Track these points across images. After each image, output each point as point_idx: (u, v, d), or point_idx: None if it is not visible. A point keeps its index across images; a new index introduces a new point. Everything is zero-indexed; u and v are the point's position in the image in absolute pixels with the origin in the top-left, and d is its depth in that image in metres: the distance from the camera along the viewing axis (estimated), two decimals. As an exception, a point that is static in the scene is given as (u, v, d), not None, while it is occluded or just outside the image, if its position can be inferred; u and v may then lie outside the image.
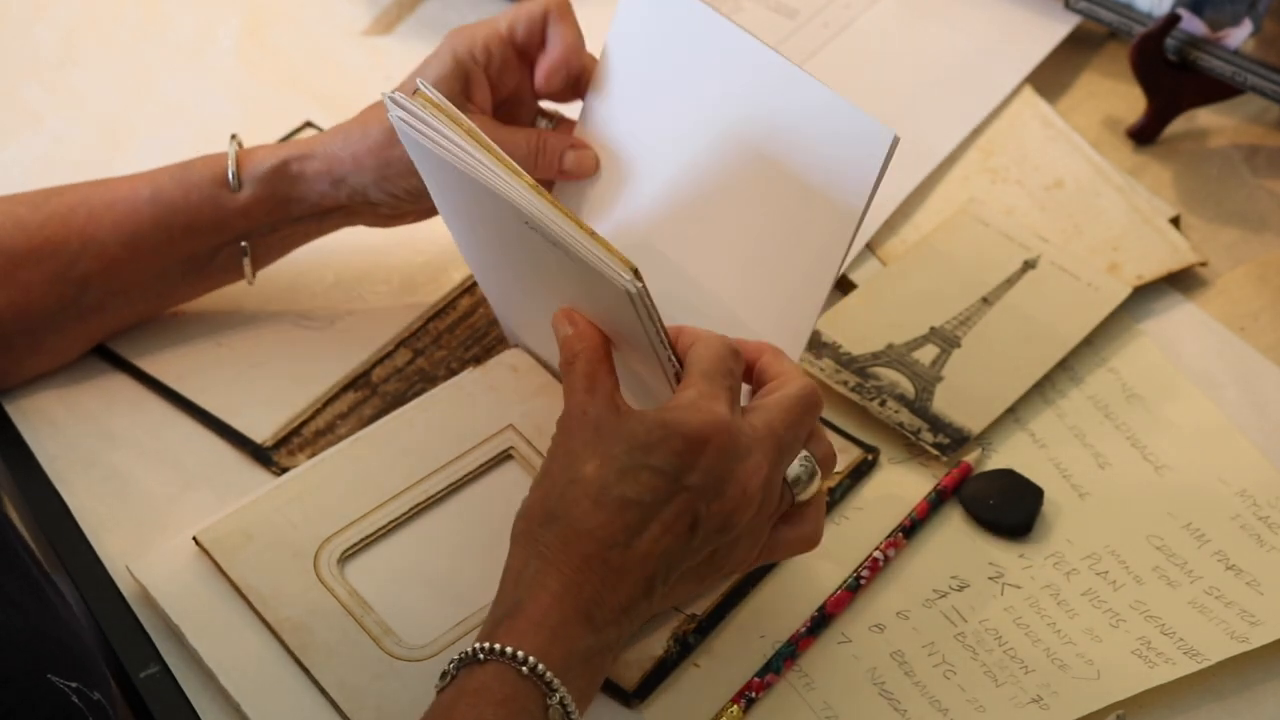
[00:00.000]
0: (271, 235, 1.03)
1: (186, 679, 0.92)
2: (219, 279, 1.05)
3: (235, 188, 1.01)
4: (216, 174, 1.01)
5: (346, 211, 1.04)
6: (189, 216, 1.01)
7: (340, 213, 1.04)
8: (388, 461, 0.99)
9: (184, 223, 1.01)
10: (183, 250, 1.02)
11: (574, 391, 0.87)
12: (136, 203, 1.01)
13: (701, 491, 0.84)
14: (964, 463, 1.02)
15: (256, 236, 1.03)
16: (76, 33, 1.31)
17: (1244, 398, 1.06)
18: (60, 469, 1.02)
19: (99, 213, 1.01)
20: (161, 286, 1.04)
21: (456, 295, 1.11)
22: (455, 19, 1.30)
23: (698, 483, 0.84)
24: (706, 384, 0.86)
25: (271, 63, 1.28)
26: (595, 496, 0.84)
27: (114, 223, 1.01)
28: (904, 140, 1.20)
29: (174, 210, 1.01)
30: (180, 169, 1.02)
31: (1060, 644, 0.95)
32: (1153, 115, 1.22)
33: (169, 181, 1.02)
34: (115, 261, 1.01)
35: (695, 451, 0.84)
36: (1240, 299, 1.12)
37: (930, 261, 1.13)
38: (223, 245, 1.03)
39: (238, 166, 1.01)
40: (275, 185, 1.01)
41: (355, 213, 1.04)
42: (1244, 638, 0.94)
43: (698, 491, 0.84)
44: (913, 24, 1.29)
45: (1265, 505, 1.00)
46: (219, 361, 1.07)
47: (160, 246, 1.02)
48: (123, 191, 1.02)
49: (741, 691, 0.92)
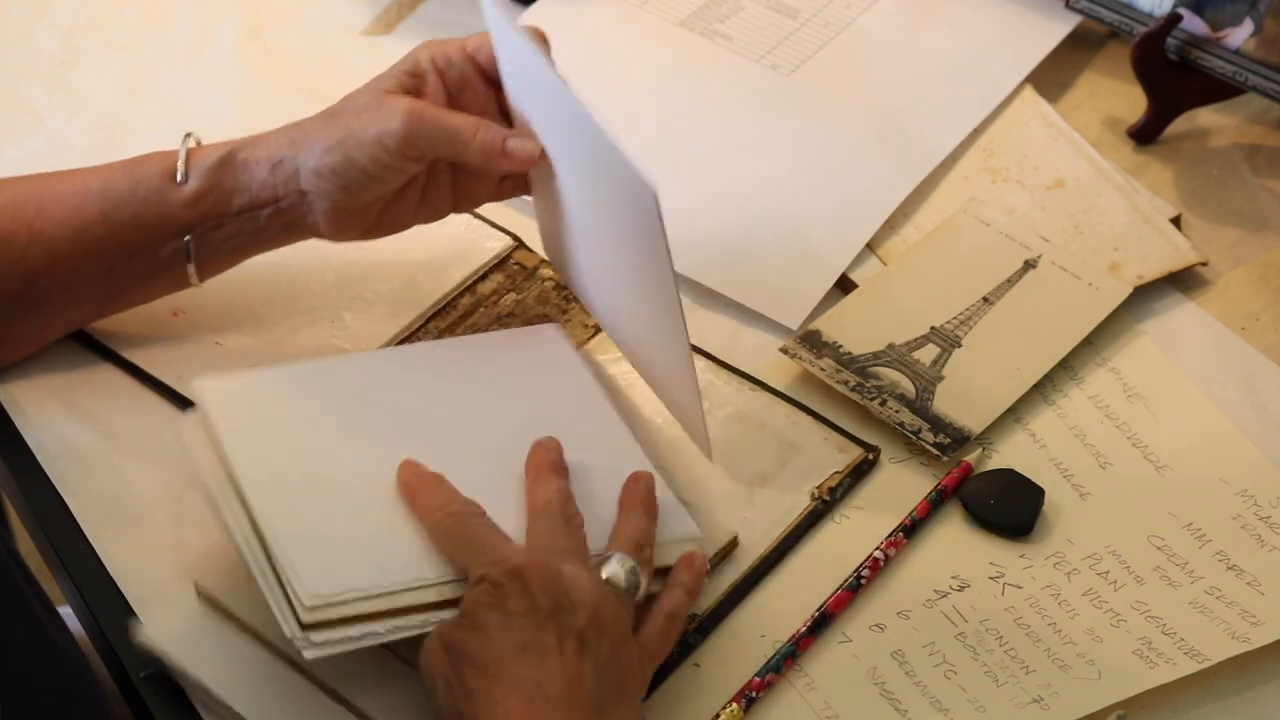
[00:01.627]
0: (215, 233, 1.01)
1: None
2: (167, 281, 1.04)
3: (182, 180, 1.00)
4: (166, 168, 1.01)
5: (285, 210, 1.01)
6: (135, 210, 1.00)
7: (278, 212, 1.01)
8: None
9: (130, 216, 1.00)
10: (128, 244, 1.01)
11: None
12: (86, 196, 1.01)
13: (557, 610, 0.85)
14: (964, 462, 1.02)
15: (200, 234, 1.01)
16: (76, 33, 1.30)
17: (1244, 398, 1.06)
18: (60, 469, 1.02)
19: (48, 205, 1.00)
20: (109, 284, 1.03)
21: (456, 295, 1.11)
22: (455, 19, 1.30)
23: (549, 605, 0.85)
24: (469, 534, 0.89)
25: (271, 63, 1.28)
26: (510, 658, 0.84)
27: (62, 216, 1.00)
28: (904, 140, 1.21)
29: (121, 204, 1.00)
30: (132, 163, 1.02)
31: (1061, 644, 0.94)
32: (1153, 115, 1.22)
33: (119, 175, 1.01)
34: (62, 256, 1.00)
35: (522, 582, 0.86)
36: (1241, 299, 1.12)
37: (930, 261, 1.13)
38: (167, 240, 1.01)
39: (187, 161, 1.00)
40: (220, 176, 1.00)
41: (293, 211, 1.01)
42: (1245, 638, 0.94)
43: (554, 611, 0.85)
44: (913, 24, 1.29)
45: (1266, 505, 1.00)
46: (219, 361, 1.06)
47: (106, 240, 1.01)
48: (74, 184, 1.01)
49: (742, 691, 0.92)
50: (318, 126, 1.00)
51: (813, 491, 1.01)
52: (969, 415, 1.04)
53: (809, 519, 1.00)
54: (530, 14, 1.29)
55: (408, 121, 0.97)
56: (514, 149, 0.99)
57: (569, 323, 1.09)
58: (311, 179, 0.99)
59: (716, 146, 1.20)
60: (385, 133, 0.97)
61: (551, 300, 1.11)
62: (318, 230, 1.02)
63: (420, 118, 0.98)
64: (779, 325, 1.10)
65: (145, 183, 1.00)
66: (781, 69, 1.25)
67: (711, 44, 1.27)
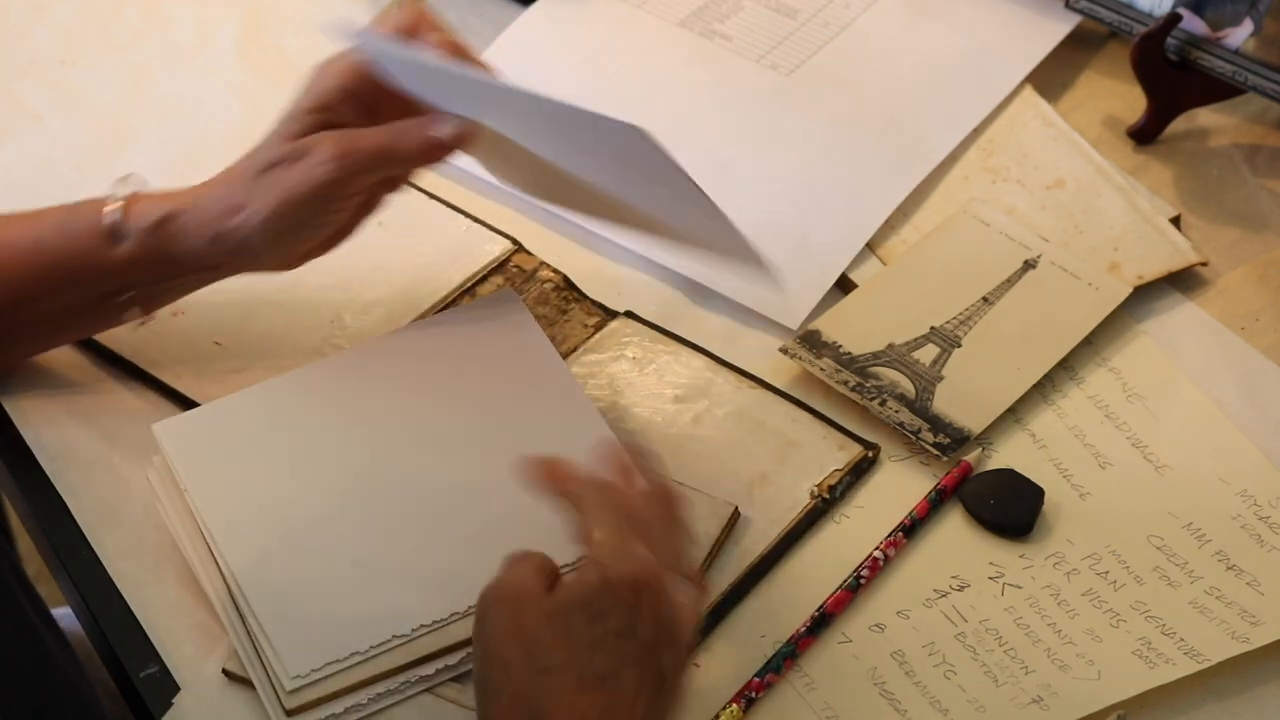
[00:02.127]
0: (161, 285, 1.00)
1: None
2: (112, 321, 1.02)
3: (118, 240, 0.97)
4: (101, 227, 0.98)
5: (227, 268, 1.00)
6: (71, 266, 0.98)
7: (220, 269, 1.00)
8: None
9: (65, 272, 0.98)
10: (67, 299, 0.99)
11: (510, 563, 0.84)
12: (21, 250, 0.99)
13: (656, 644, 0.81)
14: (964, 462, 1.02)
15: (142, 288, 1.00)
16: (76, 33, 1.30)
17: (1244, 398, 1.06)
18: (60, 469, 1.02)
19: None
20: (47, 329, 1.02)
21: (456, 297, 1.11)
22: (454, 19, 1.30)
23: (650, 636, 0.81)
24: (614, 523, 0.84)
25: (271, 63, 1.28)
26: (576, 682, 0.79)
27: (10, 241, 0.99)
28: (904, 140, 1.21)
29: (56, 261, 0.98)
30: (66, 215, 0.99)
31: (1061, 644, 0.94)
32: (1153, 115, 1.22)
33: (51, 231, 0.99)
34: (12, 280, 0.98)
35: (638, 601, 0.81)
36: (1241, 299, 1.12)
37: (930, 261, 1.13)
38: (109, 294, 1.00)
39: (123, 216, 0.98)
40: (157, 239, 0.98)
41: (237, 266, 1.00)
42: (1244, 638, 0.94)
43: (653, 644, 0.81)
44: (913, 24, 1.29)
45: (1265, 505, 1.00)
46: (218, 360, 1.06)
47: (41, 296, 0.99)
48: (10, 236, 0.99)
49: (741, 691, 0.92)
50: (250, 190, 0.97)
51: (813, 490, 1.01)
52: (969, 415, 1.04)
53: (809, 517, 1.00)
54: (530, 14, 1.29)
55: (339, 165, 0.95)
56: (444, 132, 0.96)
57: (568, 323, 1.09)
58: (260, 240, 0.97)
59: (716, 146, 1.20)
60: (320, 183, 0.95)
61: (551, 301, 1.11)
62: (264, 270, 1.01)
63: (346, 155, 0.95)
64: (779, 325, 1.10)
65: (78, 240, 0.98)
66: (781, 69, 1.25)
67: (711, 44, 1.27)
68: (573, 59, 1.27)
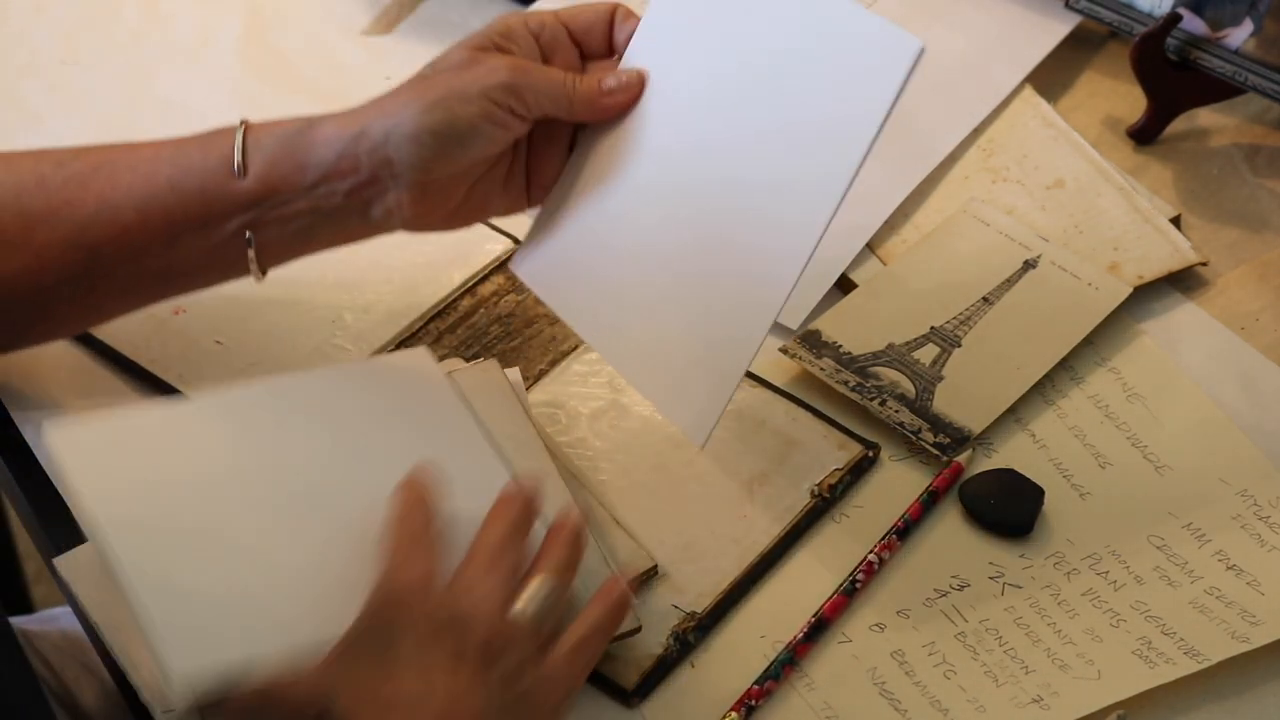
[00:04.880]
0: (284, 209, 0.95)
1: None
2: (229, 264, 0.99)
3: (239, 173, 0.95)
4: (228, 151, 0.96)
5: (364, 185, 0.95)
6: (202, 179, 0.95)
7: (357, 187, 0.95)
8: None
9: (197, 185, 0.95)
10: (193, 216, 0.96)
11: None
12: (156, 162, 0.96)
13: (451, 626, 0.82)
14: (955, 463, 1.01)
15: (267, 210, 0.96)
16: (76, 33, 1.31)
17: (1244, 398, 1.06)
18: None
19: (120, 172, 0.97)
20: (171, 259, 0.98)
21: (457, 295, 1.11)
22: (455, 19, 1.30)
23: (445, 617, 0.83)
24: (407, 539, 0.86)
25: (271, 63, 1.28)
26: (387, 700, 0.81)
27: (131, 181, 0.96)
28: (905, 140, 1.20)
29: (189, 172, 0.96)
30: (210, 133, 0.98)
31: (1061, 644, 0.94)
32: (1153, 115, 1.22)
33: (193, 144, 0.97)
34: (127, 225, 0.96)
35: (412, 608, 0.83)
36: (1241, 299, 1.12)
37: (930, 261, 1.13)
38: (233, 214, 0.96)
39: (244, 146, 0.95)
40: (294, 145, 0.95)
41: (374, 186, 0.95)
42: (1244, 638, 0.94)
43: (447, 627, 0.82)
44: (913, 24, 1.28)
45: (1265, 505, 1.00)
46: (218, 360, 1.06)
47: (171, 211, 0.96)
48: (147, 151, 0.98)
49: (741, 699, 0.91)
50: (410, 88, 0.95)
51: (813, 489, 1.01)
52: (969, 415, 1.04)
53: (809, 517, 1.00)
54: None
55: (513, 74, 0.94)
56: (616, 83, 0.96)
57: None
58: (406, 144, 0.93)
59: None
60: (491, 85, 0.93)
61: (551, 300, 1.11)
62: (398, 212, 0.96)
63: (525, 70, 0.95)
64: (779, 325, 1.10)
65: (216, 152, 0.96)
66: (781, 69, 1.25)
67: (711, 44, 1.27)
68: (573, 59, 1.27)
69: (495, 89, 0.94)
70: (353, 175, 0.95)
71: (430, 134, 0.93)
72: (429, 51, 1.03)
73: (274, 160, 0.95)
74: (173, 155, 0.97)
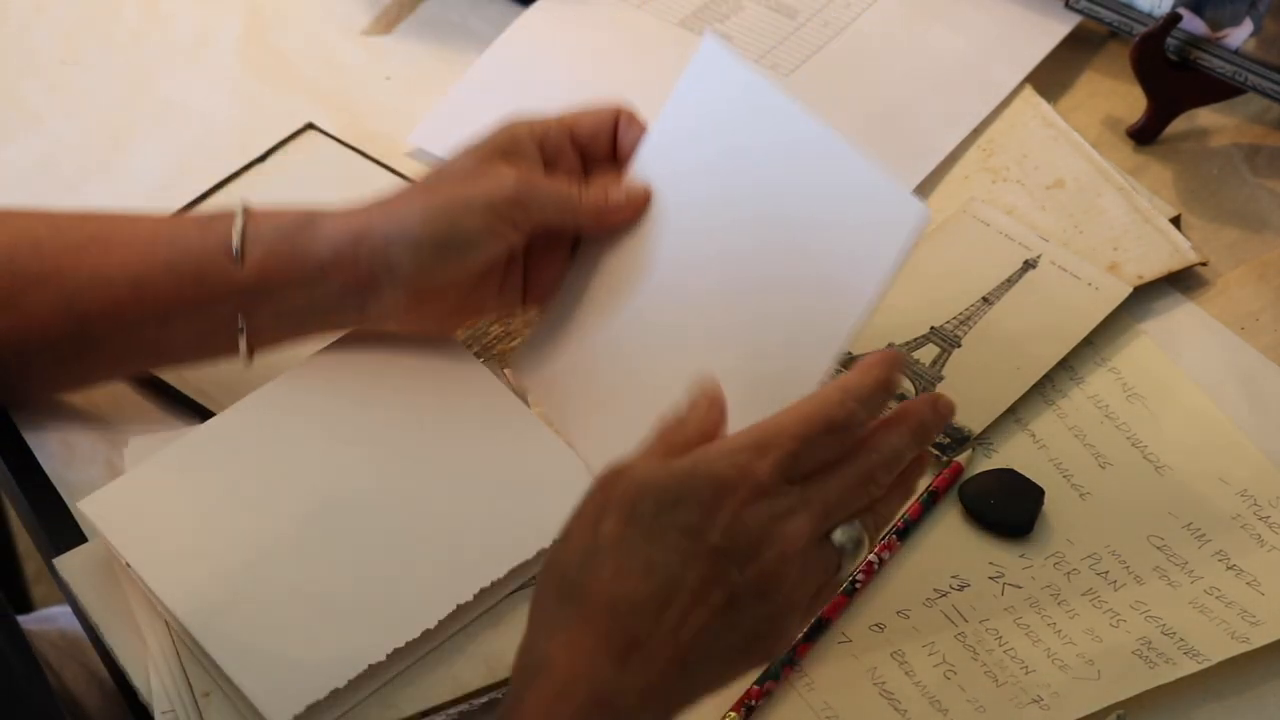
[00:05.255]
0: (277, 297, 0.96)
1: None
2: (219, 347, 0.98)
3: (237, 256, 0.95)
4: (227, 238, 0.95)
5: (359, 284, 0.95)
6: (199, 264, 0.95)
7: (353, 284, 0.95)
8: None
9: (193, 269, 0.95)
10: (188, 299, 0.96)
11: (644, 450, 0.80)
12: (154, 242, 0.96)
13: (729, 554, 0.76)
14: (955, 463, 1.02)
15: (260, 296, 0.96)
16: (76, 33, 1.31)
17: (1244, 398, 1.06)
18: (60, 469, 1.02)
19: (116, 248, 0.96)
20: (163, 337, 0.98)
21: (456, 295, 1.11)
22: (455, 19, 1.30)
23: (719, 542, 0.75)
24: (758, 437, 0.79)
25: (271, 63, 1.28)
26: (618, 563, 0.75)
27: (126, 258, 0.96)
28: (904, 140, 1.21)
29: (186, 254, 0.95)
30: (208, 217, 0.98)
31: (1061, 644, 0.94)
32: (1153, 115, 1.22)
33: (191, 226, 0.97)
34: (121, 301, 0.96)
35: (716, 501, 0.76)
36: (1240, 299, 1.12)
37: (930, 261, 1.13)
38: (227, 299, 0.96)
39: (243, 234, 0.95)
40: (297, 237, 0.95)
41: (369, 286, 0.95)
42: (1244, 638, 0.94)
43: (720, 553, 0.75)
44: (913, 24, 1.29)
45: (1265, 505, 1.00)
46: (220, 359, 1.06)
47: (166, 292, 0.96)
48: (144, 229, 0.97)
49: (741, 700, 0.91)
50: (416, 194, 0.96)
51: (813, 491, 1.01)
52: (969, 415, 1.04)
53: (809, 519, 1.00)
54: (530, 14, 1.29)
55: (519, 188, 0.94)
56: (622, 198, 0.96)
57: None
58: (407, 250, 0.93)
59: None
60: (498, 199, 0.94)
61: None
62: (394, 312, 0.96)
63: (531, 185, 0.95)
64: (779, 325, 1.10)
65: (215, 236, 0.95)
66: (781, 69, 1.25)
67: (711, 44, 1.27)
68: (573, 59, 1.27)
69: (501, 203, 0.94)
70: (350, 273, 0.95)
71: (432, 242, 0.94)
72: (429, 51, 1.03)
73: (273, 251, 0.95)
74: (171, 234, 0.97)
